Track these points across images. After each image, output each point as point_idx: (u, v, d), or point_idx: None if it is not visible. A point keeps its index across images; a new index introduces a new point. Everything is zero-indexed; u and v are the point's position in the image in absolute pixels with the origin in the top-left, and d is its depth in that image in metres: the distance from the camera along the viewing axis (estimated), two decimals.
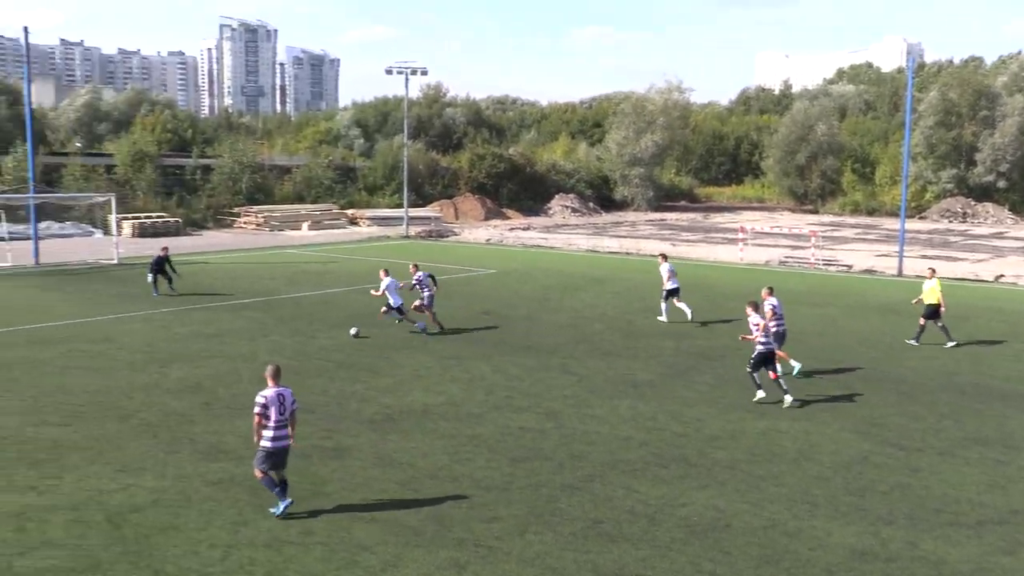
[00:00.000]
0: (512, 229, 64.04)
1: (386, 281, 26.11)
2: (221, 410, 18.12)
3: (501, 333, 26.18)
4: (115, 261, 41.58)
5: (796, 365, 21.60)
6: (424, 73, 59.98)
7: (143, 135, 70.22)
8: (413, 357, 22.97)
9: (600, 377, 21.19)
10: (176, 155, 74.93)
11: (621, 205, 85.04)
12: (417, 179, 77.61)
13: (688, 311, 27.98)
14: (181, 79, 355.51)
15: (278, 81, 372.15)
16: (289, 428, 13.24)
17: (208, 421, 17.38)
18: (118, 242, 44.17)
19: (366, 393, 19.54)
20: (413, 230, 60.55)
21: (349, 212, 69.09)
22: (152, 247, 47.62)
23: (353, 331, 25.20)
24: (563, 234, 60.73)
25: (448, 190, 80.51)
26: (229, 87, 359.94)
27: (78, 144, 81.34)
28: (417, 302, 26.74)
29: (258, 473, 13.21)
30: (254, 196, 67.12)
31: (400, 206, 67.70)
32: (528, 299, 32.37)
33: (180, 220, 59.09)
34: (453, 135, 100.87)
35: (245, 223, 63.48)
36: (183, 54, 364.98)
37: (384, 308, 26.23)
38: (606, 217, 77.26)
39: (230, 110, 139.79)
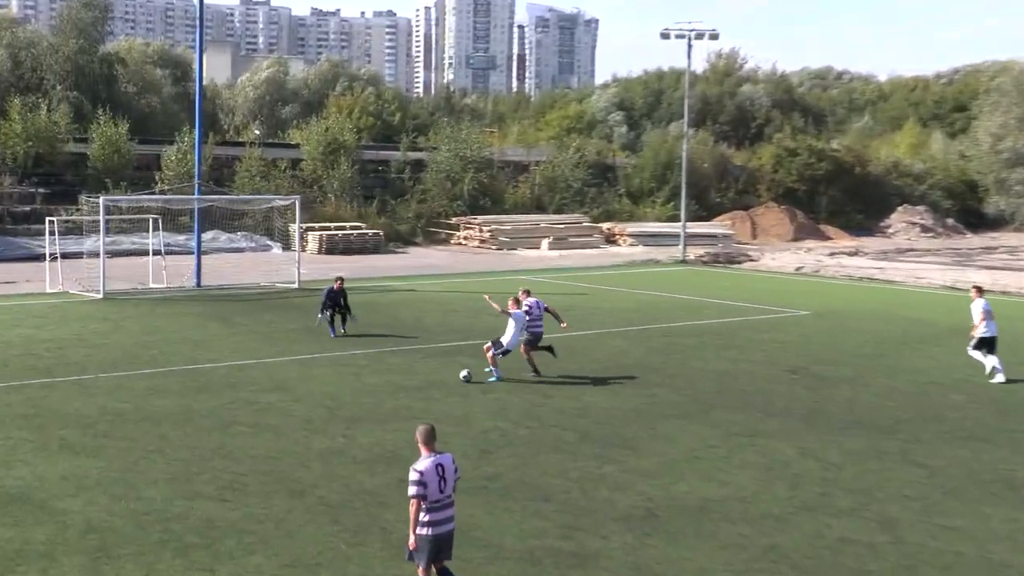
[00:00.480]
0: (833, 254, 62.83)
1: (518, 311, 27.17)
2: None
3: (814, 401, 25.77)
4: (296, 285, 43.55)
5: None
6: (714, 37, 59.87)
7: (338, 120, 73.60)
8: (688, 429, 22.80)
9: (960, 471, 20.40)
10: (379, 147, 78.17)
11: (996, 223, 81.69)
12: (700, 182, 77.46)
13: (993, 366, 27.81)
14: (390, 48, 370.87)
15: (515, 49, 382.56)
16: (454, 508, 13.34)
17: (406, 504, 17.63)
18: (301, 260, 46.21)
19: (620, 478, 19.50)
20: (693, 252, 60.34)
21: (604, 226, 69.78)
22: (342, 266, 49.62)
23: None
24: (907, 262, 59.66)
25: (743, 198, 79.96)
26: (451, 58, 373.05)
27: (257, 131, 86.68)
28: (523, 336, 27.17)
29: (421, 574, 13.17)
30: (478, 202, 68.96)
31: (675, 219, 67.61)
32: (854, 354, 31.93)
33: (381, 233, 61.33)
34: (751, 122, 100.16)
35: (465, 238, 65.20)
36: (393, 15, 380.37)
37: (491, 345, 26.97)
38: (973, 240, 74.34)
39: (451, 87, 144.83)
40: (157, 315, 36.51)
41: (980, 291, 29.13)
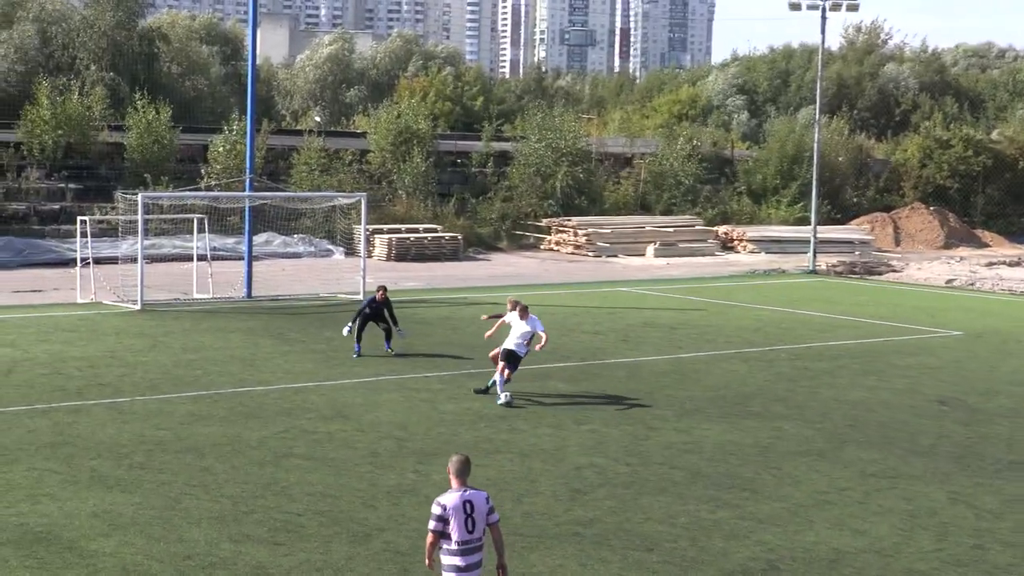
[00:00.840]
0: (991, 264, 62.19)
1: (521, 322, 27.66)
2: (510, 537, 18.46)
3: (967, 438, 25.57)
4: (360, 296, 43.83)
5: None
6: (852, 8, 59.50)
7: (411, 105, 73.78)
8: (818, 469, 22.71)
9: None
10: (459, 136, 78.46)
11: None
12: (834, 179, 76.90)
13: None
14: (471, 22, 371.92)
15: (617, 23, 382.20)
16: (483, 553, 13.45)
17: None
18: (367, 268, 46.49)
19: (737, 525, 19.42)
20: (824, 261, 59.90)
21: (721, 230, 69.53)
22: (415, 275, 49.92)
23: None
24: None
25: (884, 197, 79.26)
26: (542, 32, 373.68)
27: (317, 119, 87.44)
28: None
29: None
30: (573, 202, 69.00)
31: (804, 222, 67.11)
32: (1015, 383, 31.70)
33: (460, 236, 61.56)
34: (896, 108, 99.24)
35: (557, 243, 65.29)
36: None
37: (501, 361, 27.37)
38: None
39: (543, 68, 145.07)
40: (201, 330, 36.91)
41: None
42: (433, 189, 66.76)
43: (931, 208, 75.40)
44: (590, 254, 63.30)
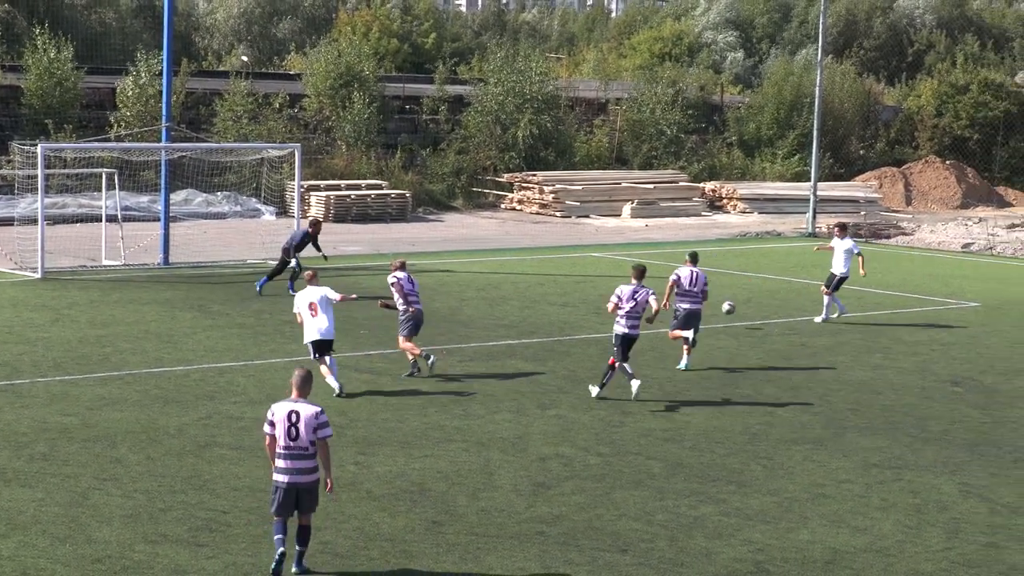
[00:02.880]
0: (1013, 226, 62.52)
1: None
2: (462, 538, 18.67)
3: (983, 423, 25.77)
4: (293, 263, 43.75)
5: None
6: None
7: (352, 43, 73.59)
8: (814, 459, 22.91)
9: None
10: (407, 79, 78.10)
11: None
12: (838, 129, 77.02)
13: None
14: None
15: None
16: (313, 462, 16.87)
17: (437, 552, 17.95)
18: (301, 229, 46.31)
19: (722, 522, 19.55)
20: (826, 223, 59.98)
21: (708, 187, 69.60)
22: (358, 237, 49.85)
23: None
24: None
25: (895, 150, 79.52)
26: None
27: (244, 58, 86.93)
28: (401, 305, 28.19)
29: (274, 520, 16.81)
30: (539, 154, 68.80)
31: (803, 178, 67.40)
32: None
33: (408, 194, 61.46)
34: (908, 48, 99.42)
35: (520, 202, 65.28)
36: None
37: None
38: None
39: (504, 0, 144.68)
40: (111, 302, 36.80)
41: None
42: (377, 140, 66.45)
43: (947, 162, 75.44)
44: (558, 214, 63.28)
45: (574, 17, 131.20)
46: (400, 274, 28.49)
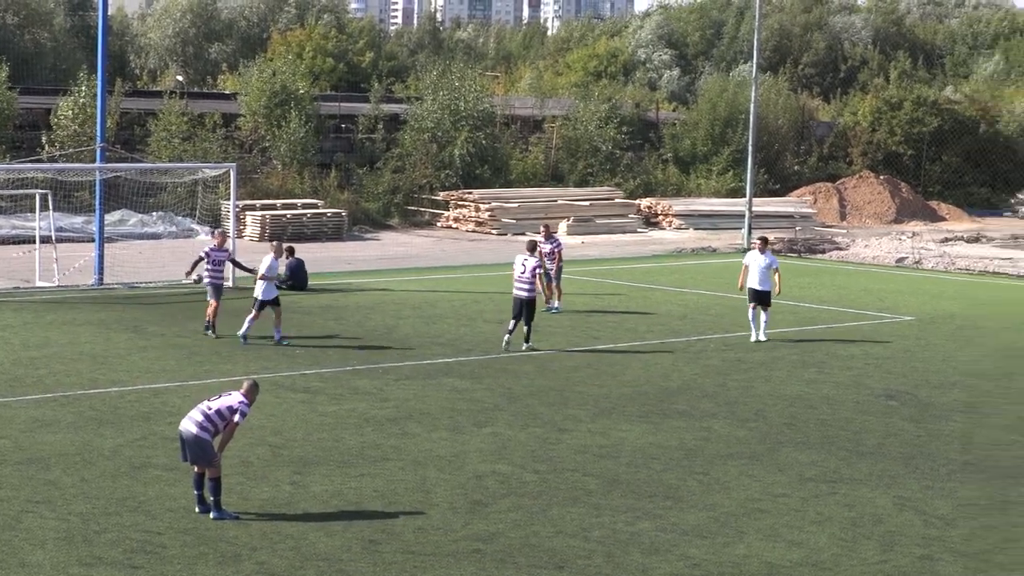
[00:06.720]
0: (947, 240, 62.85)
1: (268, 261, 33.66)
2: (398, 556, 18.62)
3: (918, 437, 25.89)
4: (229, 283, 43.54)
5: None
6: None
7: (287, 62, 73.44)
8: (750, 474, 22.97)
9: None
10: (342, 98, 77.88)
11: None
12: (772, 145, 77.25)
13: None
14: None
15: None
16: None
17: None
18: (237, 250, 46.04)
19: (659, 538, 19.58)
20: (767, 236, 60.24)
21: (644, 203, 69.65)
22: (300, 257, 49.83)
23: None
24: None
25: (829, 166, 79.81)
26: None
27: (179, 78, 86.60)
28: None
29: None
30: (474, 172, 68.75)
31: (738, 194, 67.57)
32: (972, 374, 32.05)
33: (344, 213, 61.31)
34: (843, 64, 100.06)
35: (456, 220, 65.14)
36: None
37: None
38: None
39: (440, 18, 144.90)
40: (46, 323, 36.52)
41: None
42: (313, 159, 66.25)
43: (881, 177, 75.78)
44: (494, 232, 63.18)
45: (510, 35, 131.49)
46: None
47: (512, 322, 33.37)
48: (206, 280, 34.95)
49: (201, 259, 35.21)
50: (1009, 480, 22.98)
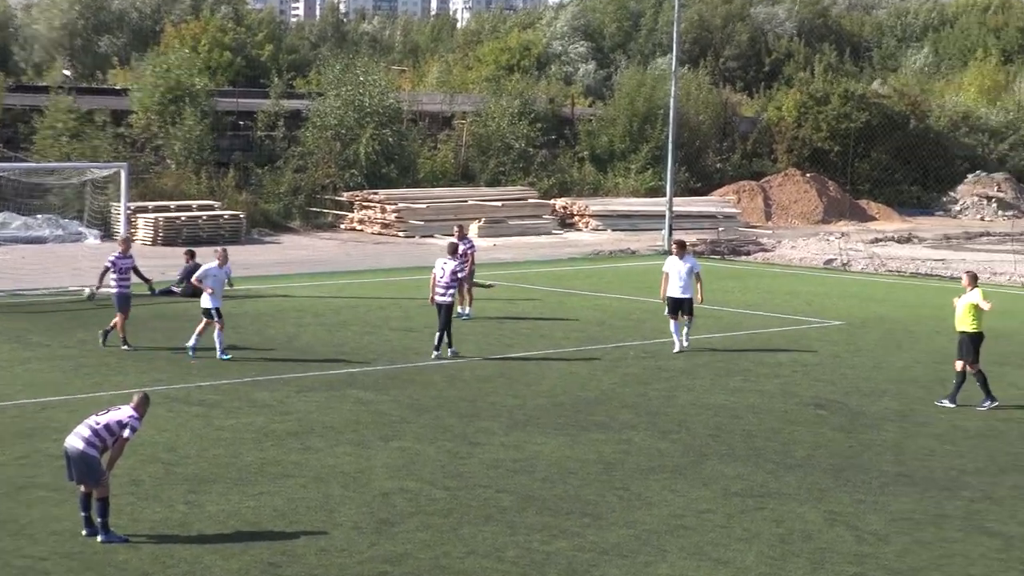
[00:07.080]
0: (876, 240, 63.79)
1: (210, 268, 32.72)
2: None
3: (848, 447, 26.17)
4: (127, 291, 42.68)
5: None
6: None
7: (181, 56, 72.87)
8: (673, 488, 22.97)
9: None
10: (240, 93, 77.25)
11: None
12: (693, 142, 77.33)
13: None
14: None
15: None
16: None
17: None
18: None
19: (576, 558, 19.51)
20: (684, 239, 60.23)
21: (559, 203, 69.68)
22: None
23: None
24: (980, 251, 60.06)
25: (754, 163, 79.95)
26: None
27: (66, 72, 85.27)
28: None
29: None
30: (380, 171, 68.43)
31: (658, 193, 67.53)
32: (904, 381, 32.52)
33: (242, 215, 60.68)
34: (767, 57, 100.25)
35: (361, 221, 64.89)
36: None
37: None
38: None
39: (344, 9, 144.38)
40: None
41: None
42: (209, 157, 65.71)
43: (808, 175, 76.33)
44: (401, 234, 63.08)
45: (418, 27, 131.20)
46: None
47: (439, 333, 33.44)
48: (113, 289, 33.94)
49: (108, 269, 34.37)
50: (944, 492, 23.07)
